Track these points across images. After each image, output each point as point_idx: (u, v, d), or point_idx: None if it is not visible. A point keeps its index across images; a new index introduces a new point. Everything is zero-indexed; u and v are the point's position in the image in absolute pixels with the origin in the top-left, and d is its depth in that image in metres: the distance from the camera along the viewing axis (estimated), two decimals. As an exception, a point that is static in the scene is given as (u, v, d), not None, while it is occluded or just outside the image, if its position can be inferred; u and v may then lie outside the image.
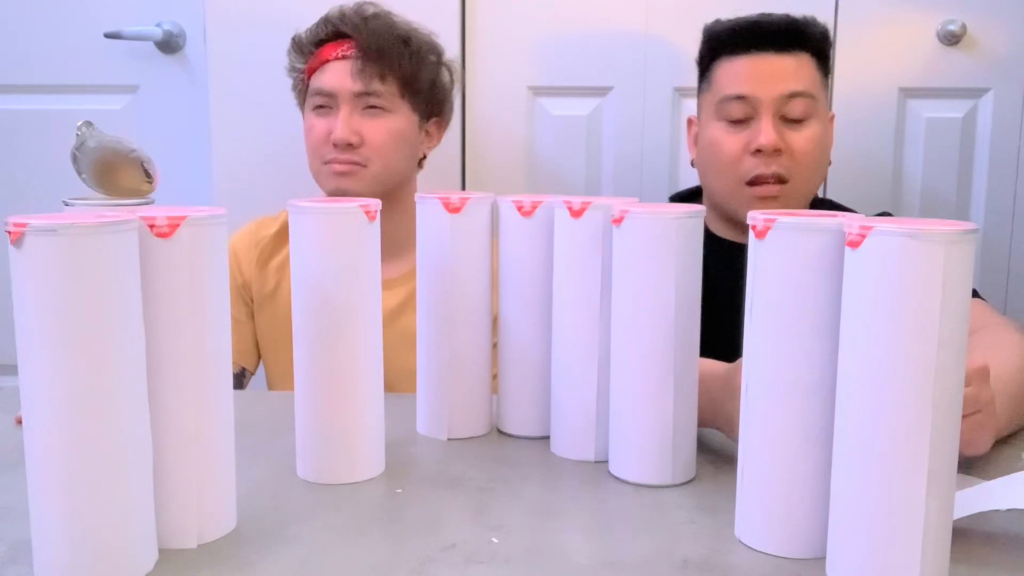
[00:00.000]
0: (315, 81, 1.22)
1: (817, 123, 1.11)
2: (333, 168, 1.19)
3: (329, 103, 1.20)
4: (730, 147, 1.10)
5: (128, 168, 0.85)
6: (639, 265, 0.72)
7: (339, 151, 1.18)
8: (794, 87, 1.09)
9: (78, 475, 0.54)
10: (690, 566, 0.60)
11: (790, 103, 1.09)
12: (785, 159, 1.08)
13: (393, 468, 0.78)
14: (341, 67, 1.19)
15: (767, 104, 1.08)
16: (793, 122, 1.10)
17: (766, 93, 1.08)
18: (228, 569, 0.59)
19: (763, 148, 1.07)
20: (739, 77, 1.10)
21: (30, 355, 0.54)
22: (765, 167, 1.08)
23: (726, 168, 1.11)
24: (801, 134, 1.10)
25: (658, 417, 0.73)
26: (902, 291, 0.53)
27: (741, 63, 1.11)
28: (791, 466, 0.61)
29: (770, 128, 1.08)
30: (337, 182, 1.19)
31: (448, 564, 0.60)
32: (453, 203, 0.83)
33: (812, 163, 1.11)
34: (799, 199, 1.12)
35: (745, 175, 1.10)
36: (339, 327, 0.72)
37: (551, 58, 1.44)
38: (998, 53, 1.38)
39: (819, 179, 1.14)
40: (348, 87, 1.18)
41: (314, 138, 1.21)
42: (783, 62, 1.09)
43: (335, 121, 1.19)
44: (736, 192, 1.11)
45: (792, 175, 1.09)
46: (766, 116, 1.08)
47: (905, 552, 0.54)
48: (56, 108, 1.64)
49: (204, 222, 0.60)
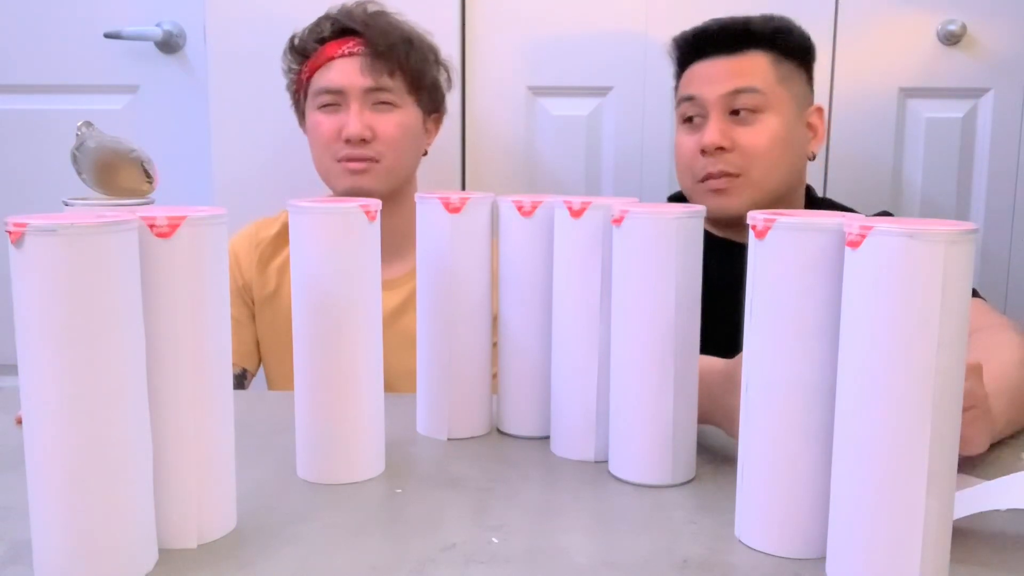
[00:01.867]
0: (320, 79, 1.21)
1: (773, 116, 1.14)
2: (348, 166, 1.19)
3: (337, 100, 1.20)
4: (685, 147, 1.17)
5: (128, 168, 0.85)
6: (639, 265, 0.72)
7: (352, 147, 1.18)
8: (738, 84, 1.13)
9: (78, 475, 0.54)
10: (690, 566, 0.60)
11: (736, 99, 1.13)
12: (734, 156, 1.13)
13: (393, 468, 0.78)
14: (349, 64, 1.19)
15: (713, 103, 1.14)
16: (743, 118, 1.13)
17: (711, 92, 1.14)
18: (228, 569, 0.59)
19: (705, 148, 1.13)
20: (691, 81, 1.17)
21: (30, 355, 0.54)
22: (712, 165, 1.13)
23: (684, 168, 1.18)
24: (751, 129, 1.13)
25: (658, 417, 0.73)
26: (902, 291, 0.53)
27: (695, 68, 1.18)
28: (791, 466, 0.61)
29: (714, 128, 1.13)
30: (353, 181, 1.19)
31: (448, 564, 0.60)
32: (453, 203, 0.83)
33: (766, 156, 1.13)
34: (762, 192, 1.14)
35: (698, 173, 1.15)
36: (339, 327, 0.72)
37: (551, 58, 1.44)
38: (998, 53, 1.38)
39: (784, 172, 1.15)
40: (358, 83, 1.18)
41: (323, 136, 1.20)
42: (730, 63, 1.14)
43: (345, 118, 1.18)
44: (693, 190, 1.18)
45: (743, 170, 1.13)
46: (713, 116, 1.14)
47: (905, 552, 0.54)
48: (56, 108, 1.64)
49: (204, 222, 0.60)
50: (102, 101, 1.64)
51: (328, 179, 1.23)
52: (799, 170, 1.18)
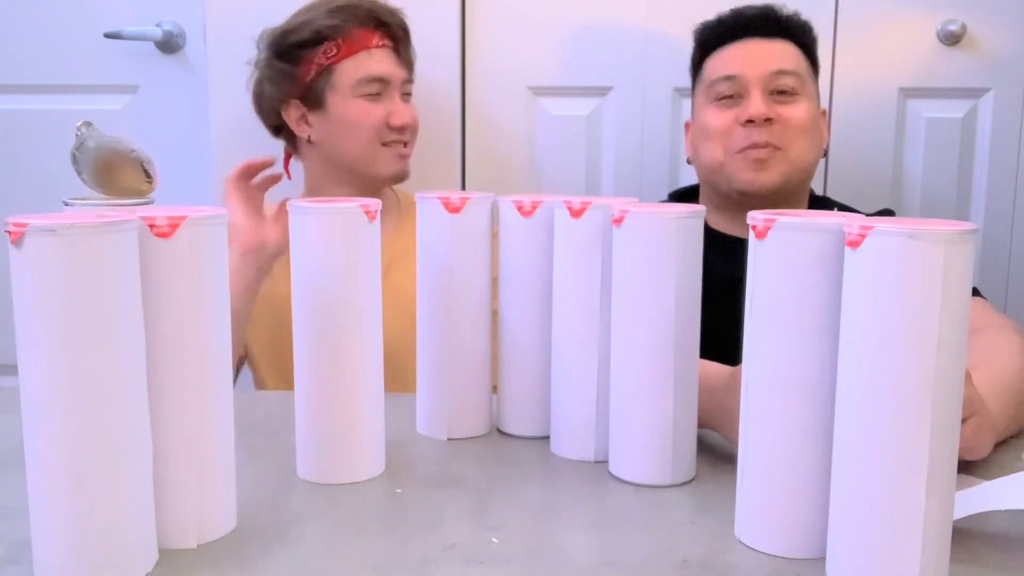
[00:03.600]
0: (362, 67, 1.24)
1: (807, 101, 1.15)
2: (399, 151, 1.27)
3: (380, 89, 1.26)
4: (721, 121, 1.15)
5: (128, 168, 0.85)
6: (639, 265, 0.72)
7: (399, 133, 1.27)
8: (781, 65, 1.13)
9: (78, 475, 0.54)
10: (690, 566, 0.60)
11: (779, 79, 1.13)
12: (777, 129, 1.12)
13: (393, 468, 0.78)
14: (386, 55, 1.27)
15: (755, 81, 1.13)
16: (783, 97, 1.13)
17: (754, 71, 1.13)
18: (228, 569, 0.59)
19: (754, 118, 1.11)
20: (727, 61, 1.16)
21: (30, 355, 0.54)
22: (757, 136, 1.12)
23: (717, 140, 1.15)
24: (792, 106, 1.13)
25: (658, 417, 0.73)
26: (902, 291, 0.53)
27: (728, 50, 1.16)
28: (791, 466, 0.61)
29: (759, 100, 1.12)
30: (402, 165, 1.28)
31: (448, 564, 0.60)
32: (453, 203, 0.83)
33: (806, 134, 1.14)
34: (795, 170, 1.14)
35: (736, 145, 1.13)
36: (339, 327, 0.72)
37: (551, 58, 1.44)
38: (998, 53, 1.38)
39: (814, 154, 1.16)
40: (398, 74, 1.27)
41: (374, 122, 1.25)
42: (769, 45, 1.15)
43: (389, 105, 1.26)
44: (727, 161, 1.14)
45: (785, 143, 1.12)
46: (755, 91, 1.12)
47: (905, 552, 0.54)
48: (56, 108, 1.64)
49: (204, 222, 0.60)
50: (102, 101, 1.64)
51: (372, 163, 1.27)
52: (817, 161, 1.20)
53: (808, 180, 1.19)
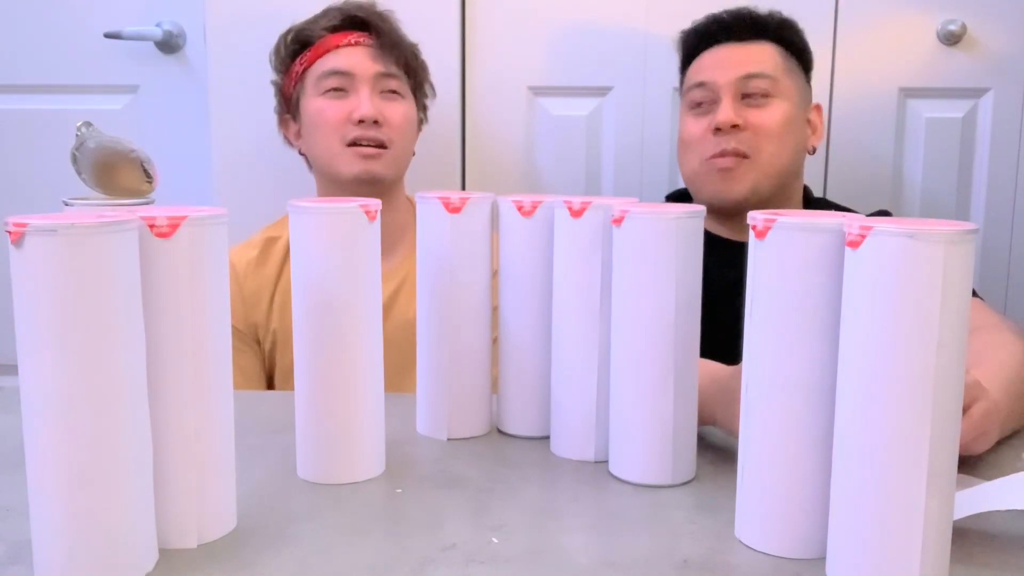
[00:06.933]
0: (324, 64, 1.20)
1: (783, 102, 1.15)
2: (361, 151, 1.18)
3: (344, 84, 1.20)
4: (693, 130, 1.17)
5: (128, 168, 0.85)
6: (639, 265, 0.72)
7: (363, 129, 1.18)
8: (751, 69, 1.14)
9: (78, 475, 0.54)
10: (690, 566, 0.60)
11: (749, 83, 1.14)
12: (747, 135, 1.13)
13: (393, 468, 0.78)
14: (357, 51, 1.21)
15: (725, 87, 1.14)
16: (755, 102, 1.14)
17: (723, 77, 1.14)
18: (228, 569, 0.59)
19: (721, 125, 1.12)
20: (700, 68, 1.18)
21: (30, 355, 0.54)
22: (725, 143, 1.13)
23: (690, 150, 1.17)
24: (763, 111, 1.14)
25: (658, 417, 0.73)
26: (902, 291, 0.53)
27: (703, 57, 1.18)
28: (791, 466, 0.61)
29: (727, 107, 1.13)
30: (365, 165, 1.18)
31: (448, 564, 0.60)
32: (453, 203, 0.83)
33: (777, 138, 1.14)
34: (767, 175, 1.14)
35: (706, 152, 1.14)
36: (339, 327, 0.72)
37: (551, 58, 1.44)
38: (998, 53, 1.38)
39: (790, 157, 1.16)
40: (368, 68, 1.20)
41: (331, 120, 1.19)
42: (741, 49, 1.16)
43: (355, 101, 1.19)
44: (699, 170, 1.16)
45: (754, 151, 1.13)
46: (725, 98, 1.14)
47: (905, 552, 0.54)
48: (56, 108, 1.64)
49: (204, 222, 0.60)
50: (102, 101, 1.64)
51: (335, 165, 1.20)
52: (799, 163, 1.19)
53: (791, 182, 1.19)
